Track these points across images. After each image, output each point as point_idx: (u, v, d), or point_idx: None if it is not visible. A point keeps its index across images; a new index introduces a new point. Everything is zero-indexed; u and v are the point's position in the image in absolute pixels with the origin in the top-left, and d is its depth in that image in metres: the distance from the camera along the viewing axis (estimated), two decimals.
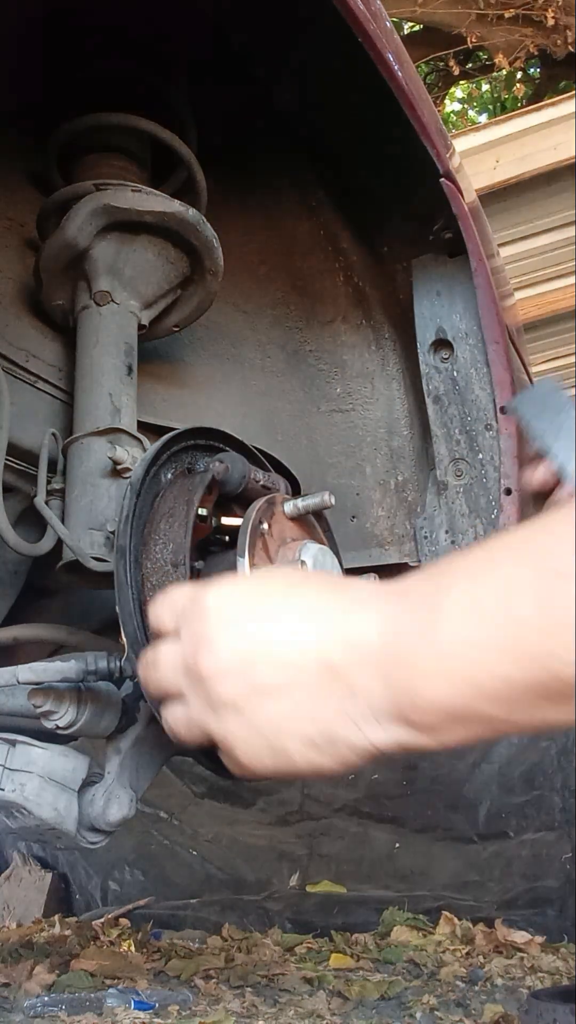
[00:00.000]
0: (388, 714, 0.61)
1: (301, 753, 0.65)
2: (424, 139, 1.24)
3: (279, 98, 1.35)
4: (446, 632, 0.59)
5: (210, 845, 3.22)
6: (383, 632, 0.62)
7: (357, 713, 0.62)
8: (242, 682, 0.65)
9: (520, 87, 7.76)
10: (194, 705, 0.69)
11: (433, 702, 0.59)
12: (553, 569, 0.54)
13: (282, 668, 0.65)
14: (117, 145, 1.34)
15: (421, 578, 0.63)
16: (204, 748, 0.76)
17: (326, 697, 0.63)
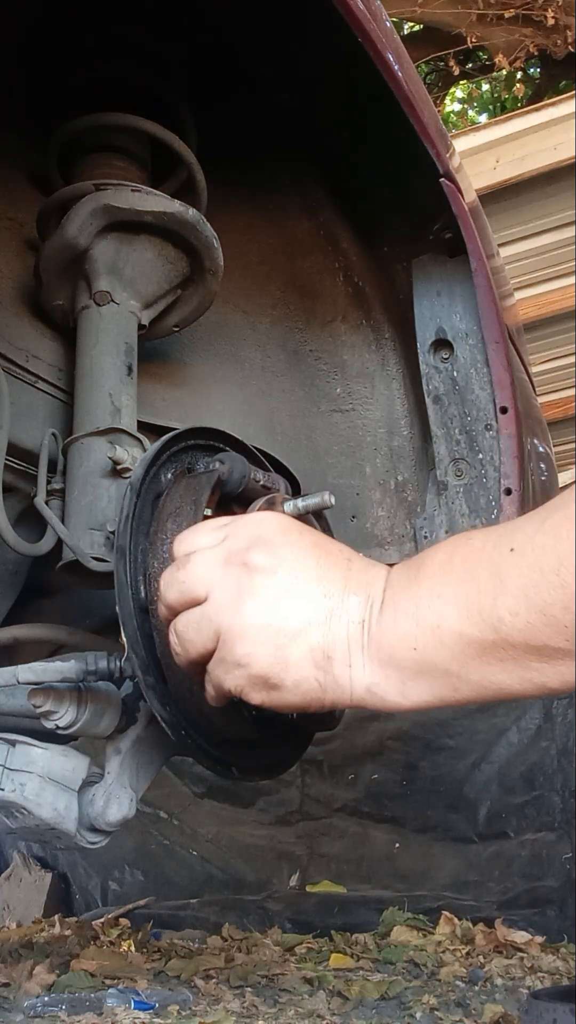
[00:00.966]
0: (372, 654, 0.69)
1: (299, 665, 0.70)
2: (424, 139, 1.24)
3: (279, 98, 1.35)
4: (423, 585, 0.67)
5: (210, 845, 3.22)
6: (387, 580, 0.71)
7: (355, 646, 0.70)
8: (284, 581, 0.72)
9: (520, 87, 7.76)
10: (216, 599, 0.74)
11: (403, 644, 0.67)
12: (509, 545, 0.62)
13: (318, 582, 0.72)
14: (117, 145, 1.34)
15: (428, 548, 0.72)
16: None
17: (340, 621, 0.70)
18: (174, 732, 0.92)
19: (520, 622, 0.61)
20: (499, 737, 2.86)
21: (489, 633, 0.62)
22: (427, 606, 0.66)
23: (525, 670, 0.62)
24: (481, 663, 0.63)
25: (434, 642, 0.65)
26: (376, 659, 0.68)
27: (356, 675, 0.69)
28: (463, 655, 0.64)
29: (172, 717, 0.91)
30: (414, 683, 0.67)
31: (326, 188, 1.47)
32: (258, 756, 1.05)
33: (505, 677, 0.63)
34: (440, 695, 0.67)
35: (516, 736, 2.85)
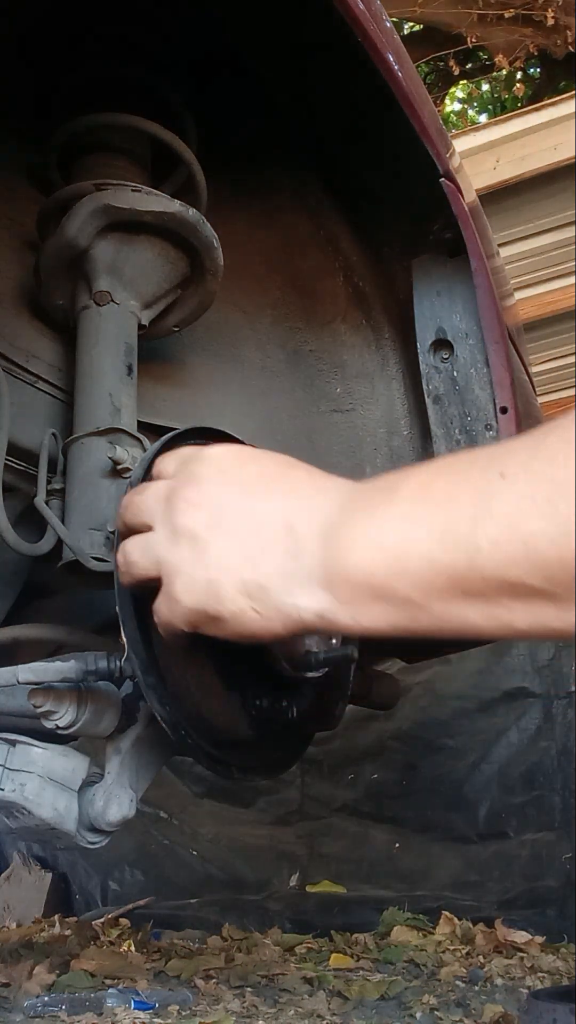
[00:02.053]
0: (318, 578, 0.64)
1: (232, 597, 0.68)
2: (424, 139, 1.24)
3: (279, 98, 1.35)
4: (392, 510, 0.62)
5: (210, 845, 3.22)
6: (344, 505, 0.66)
7: (293, 572, 0.66)
8: (209, 517, 0.70)
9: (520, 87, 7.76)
10: (158, 532, 0.74)
11: (359, 567, 0.62)
12: (499, 469, 0.57)
13: (249, 517, 0.69)
14: (117, 145, 1.34)
15: (399, 471, 0.66)
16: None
17: (275, 551, 0.67)
18: (174, 732, 0.92)
19: (499, 553, 0.55)
20: (499, 737, 2.87)
21: (462, 562, 0.57)
22: (395, 529, 0.61)
23: (494, 607, 0.57)
24: (448, 595, 0.58)
25: (397, 568, 0.60)
26: (326, 583, 0.64)
27: (301, 602, 0.65)
28: (428, 585, 0.59)
29: (172, 717, 0.91)
30: (368, 608, 0.62)
31: (326, 188, 1.47)
32: (258, 756, 1.05)
33: (471, 612, 0.58)
34: (396, 623, 0.62)
35: (516, 736, 2.85)
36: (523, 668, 2.91)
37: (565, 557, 0.53)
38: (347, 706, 1.14)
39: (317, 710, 1.08)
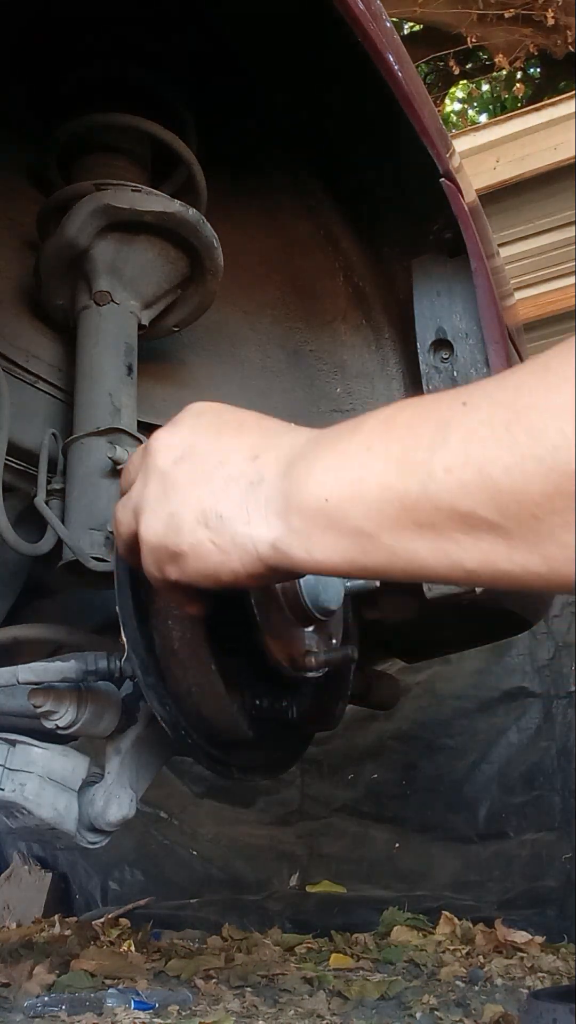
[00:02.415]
0: (276, 507, 0.64)
1: (191, 528, 0.68)
2: (424, 139, 1.24)
3: (279, 98, 1.35)
4: (353, 439, 0.62)
5: (210, 845, 3.22)
6: (310, 439, 0.66)
7: (253, 503, 0.65)
8: (180, 454, 0.71)
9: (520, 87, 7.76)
10: (137, 482, 0.74)
11: (314, 493, 0.61)
12: (463, 399, 0.56)
13: (217, 450, 0.70)
14: (117, 145, 1.34)
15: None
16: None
17: (237, 482, 0.67)
18: (174, 732, 0.92)
19: (453, 480, 0.54)
20: (499, 737, 2.87)
21: (415, 488, 0.56)
22: (353, 457, 0.60)
23: (444, 541, 0.55)
24: (399, 525, 0.57)
25: (351, 494, 0.59)
26: (282, 512, 0.63)
27: (257, 532, 0.65)
28: (381, 513, 0.58)
29: (172, 717, 0.91)
30: (321, 538, 0.61)
31: (326, 188, 1.47)
32: (258, 756, 1.05)
33: (421, 546, 0.57)
34: (348, 557, 0.61)
35: (516, 736, 2.85)
36: (523, 668, 2.91)
37: (519, 487, 0.51)
38: (347, 706, 1.14)
39: (317, 710, 1.08)
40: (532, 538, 0.52)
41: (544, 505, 0.51)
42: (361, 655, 1.00)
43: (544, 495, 0.51)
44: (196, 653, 0.89)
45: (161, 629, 0.90)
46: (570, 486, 0.50)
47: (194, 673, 0.89)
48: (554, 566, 0.52)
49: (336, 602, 0.98)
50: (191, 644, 0.88)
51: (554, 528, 0.51)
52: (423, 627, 1.58)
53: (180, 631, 0.89)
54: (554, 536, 0.51)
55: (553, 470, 0.50)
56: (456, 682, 2.98)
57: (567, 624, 2.89)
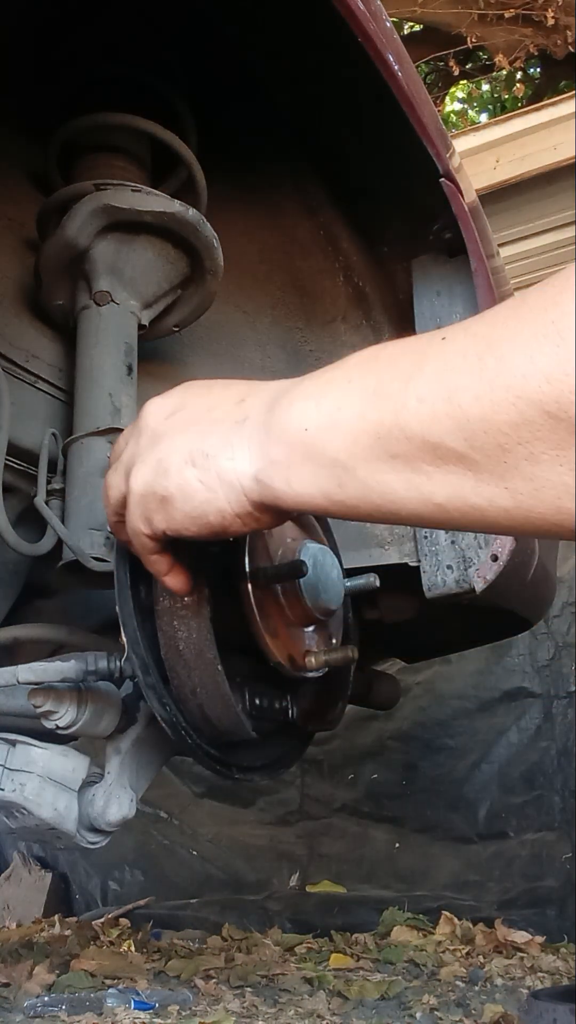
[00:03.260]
0: (258, 440, 0.65)
1: (178, 469, 0.69)
2: (424, 139, 1.24)
3: (279, 97, 1.35)
4: (335, 373, 0.63)
5: (210, 845, 3.22)
6: (295, 379, 0.67)
7: (237, 439, 0.67)
8: (171, 410, 0.73)
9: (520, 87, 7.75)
10: (128, 446, 0.76)
11: (294, 423, 0.63)
12: (443, 335, 0.57)
13: (205, 402, 0.72)
14: (117, 145, 1.34)
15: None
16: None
17: (223, 422, 0.68)
18: (174, 732, 0.92)
19: (425, 409, 0.55)
20: (499, 737, 2.87)
21: (389, 417, 0.57)
22: (334, 388, 0.62)
23: (415, 472, 0.56)
24: (373, 455, 0.58)
25: (329, 423, 0.61)
26: (263, 443, 0.65)
27: (240, 467, 0.66)
28: (356, 443, 0.59)
29: (172, 717, 0.91)
30: (299, 469, 0.63)
31: (326, 188, 1.47)
32: (258, 756, 1.05)
33: (393, 477, 0.58)
34: (325, 489, 0.61)
35: (516, 736, 2.85)
36: (523, 668, 2.91)
37: (487, 415, 0.52)
38: (347, 706, 1.14)
39: (317, 710, 1.08)
40: (499, 470, 0.53)
41: (511, 435, 0.51)
42: (361, 655, 1.00)
43: (511, 424, 0.51)
44: (202, 653, 0.88)
45: (166, 629, 0.89)
46: (536, 415, 0.50)
47: (199, 673, 0.89)
48: (519, 500, 0.53)
49: (336, 602, 0.98)
50: (196, 644, 0.88)
51: (520, 460, 0.52)
52: (423, 627, 1.58)
53: (185, 631, 0.89)
54: (520, 469, 0.52)
55: (520, 398, 0.50)
56: (456, 682, 2.98)
57: (567, 624, 2.89)
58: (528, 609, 1.65)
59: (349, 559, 1.44)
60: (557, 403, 0.49)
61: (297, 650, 0.95)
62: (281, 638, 0.93)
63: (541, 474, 0.51)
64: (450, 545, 1.38)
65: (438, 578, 1.37)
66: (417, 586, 1.39)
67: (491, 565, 1.31)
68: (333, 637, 1.03)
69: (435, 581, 1.37)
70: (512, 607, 1.54)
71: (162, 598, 0.89)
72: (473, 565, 1.33)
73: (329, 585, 0.96)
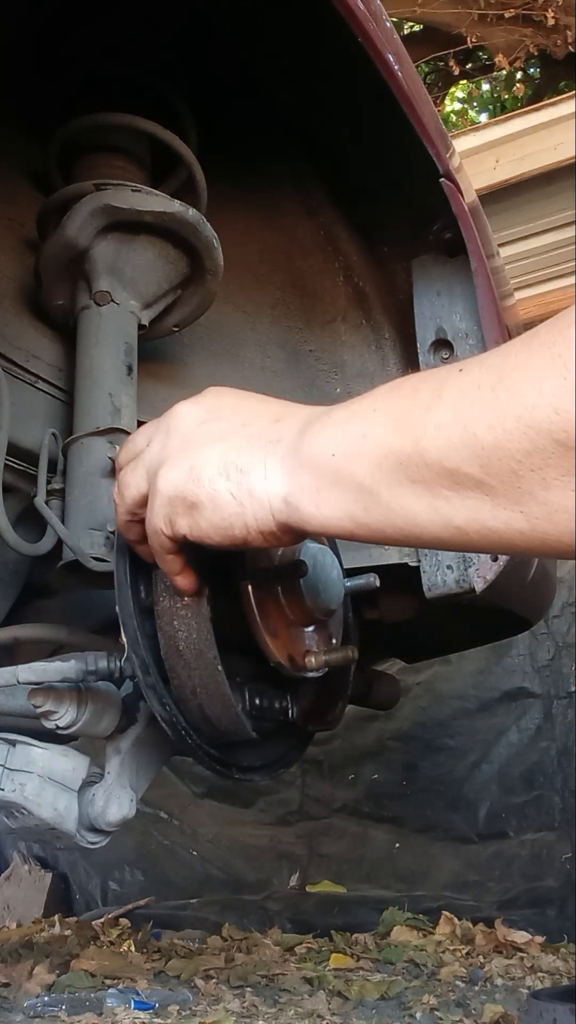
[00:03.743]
0: (291, 463, 0.69)
1: (211, 478, 0.71)
2: (424, 139, 1.24)
3: (279, 98, 1.35)
4: (362, 403, 0.67)
5: (210, 845, 3.23)
6: (326, 407, 0.70)
7: (271, 459, 0.69)
8: (202, 418, 0.75)
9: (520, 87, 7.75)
10: (152, 445, 0.77)
11: (323, 448, 0.66)
12: (460, 367, 0.60)
13: (240, 415, 0.74)
14: (117, 145, 1.34)
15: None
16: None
17: (259, 439, 0.71)
18: (174, 732, 0.92)
19: (441, 437, 0.58)
20: (499, 737, 2.87)
21: (409, 445, 0.60)
22: (360, 417, 0.65)
23: (434, 497, 0.59)
24: (395, 480, 0.61)
25: (355, 450, 0.64)
26: (295, 466, 0.68)
27: (272, 486, 0.68)
28: (379, 468, 0.62)
29: (172, 717, 0.91)
30: (327, 494, 0.65)
31: (326, 188, 1.47)
32: (258, 756, 1.05)
33: (415, 502, 0.60)
34: (351, 512, 0.64)
35: (516, 736, 2.85)
36: (523, 668, 2.91)
37: (500, 443, 0.55)
38: (347, 706, 1.14)
39: (317, 710, 1.08)
40: (514, 495, 0.55)
41: (524, 462, 0.54)
42: (361, 655, 1.00)
43: (523, 452, 0.54)
44: (202, 653, 0.88)
45: (166, 629, 0.89)
46: (546, 444, 0.53)
47: (199, 673, 0.89)
48: (535, 523, 0.55)
49: (336, 602, 0.98)
50: (196, 644, 0.88)
51: (533, 486, 0.54)
52: (423, 627, 1.58)
53: (185, 631, 0.88)
54: (534, 494, 0.55)
55: (531, 427, 0.53)
56: (456, 682, 2.98)
57: (567, 624, 2.89)
58: (528, 609, 1.65)
59: (349, 559, 1.44)
60: (566, 432, 0.52)
61: (297, 650, 0.95)
62: (281, 638, 0.93)
63: (554, 499, 0.54)
64: None
65: (438, 578, 1.37)
66: (417, 586, 1.39)
67: (491, 565, 1.31)
68: (333, 637, 1.03)
69: (435, 581, 1.37)
70: (512, 607, 1.54)
71: (162, 598, 0.89)
72: (473, 565, 1.33)
73: (329, 585, 0.96)
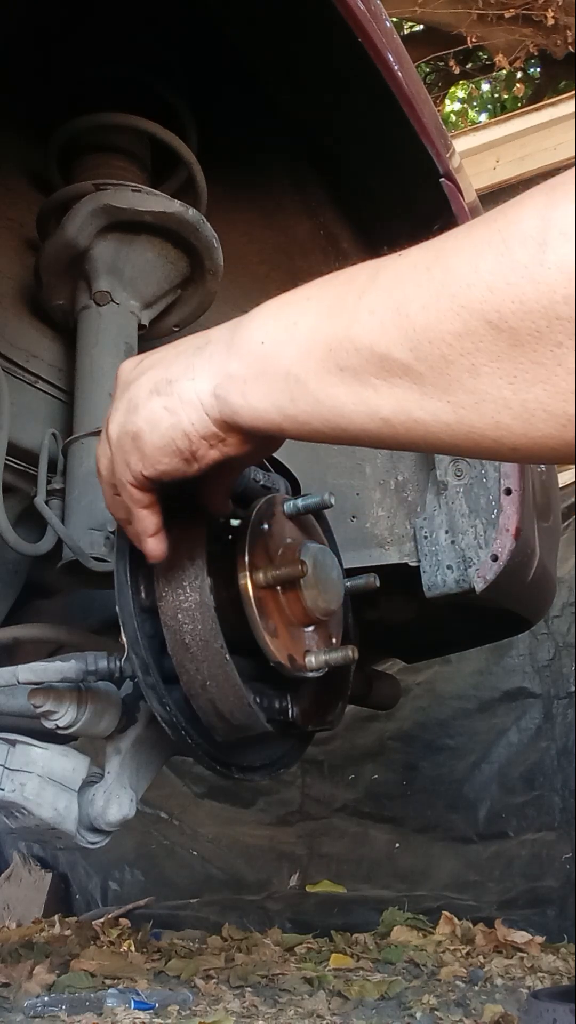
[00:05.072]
0: (219, 359, 0.66)
1: (144, 401, 0.71)
2: (424, 139, 1.24)
3: (279, 98, 1.35)
4: (297, 292, 0.64)
5: (210, 845, 3.23)
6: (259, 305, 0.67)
7: (199, 361, 0.68)
8: (138, 360, 0.75)
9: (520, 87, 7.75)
10: (108, 411, 0.76)
11: (252, 337, 0.64)
12: (402, 252, 0.57)
13: (173, 347, 0.73)
14: (117, 145, 1.34)
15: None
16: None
17: (186, 351, 0.70)
18: (174, 732, 0.92)
19: (374, 320, 0.56)
20: (499, 737, 2.87)
21: (340, 330, 0.58)
22: (293, 305, 0.63)
23: (363, 386, 0.57)
24: (323, 368, 0.59)
25: (285, 337, 0.62)
26: (224, 360, 0.66)
27: (200, 385, 0.67)
28: (309, 355, 0.60)
29: (171, 717, 0.91)
30: (255, 383, 0.64)
31: (326, 188, 1.47)
32: (258, 756, 1.05)
33: (343, 391, 0.58)
34: (279, 403, 0.62)
35: (516, 736, 2.85)
36: (523, 668, 2.91)
37: (432, 325, 0.52)
38: (347, 706, 1.14)
39: (317, 710, 1.08)
40: (442, 382, 0.53)
41: (454, 345, 0.52)
42: (361, 655, 1.00)
43: (454, 334, 0.52)
44: (208, 644, 0.87)
45: (171, 624, 0.89)
46: (478, 325, 0.50)
47: (208, 665, 0.88)
48: (461, 415, 0.53)
49: (336, 602, 0.98)
50: (202, 635, 0.87)
51: (462, 373, 0.52)
52: (423, 627, 1.58)
53: (191, 623, 0.88)
54: (462, 382, 0.52)
55: (464, 308, 0.51)
56: (456, 682, 2.98)
57: (567, 624, 2.89)
58: (528, 609, 1.65)
59: (349, 559, 1.45)
60: (498, 312, 0.49)
61: (297, 650, 0.95)
62: (281, 638, 0.93)
63: (481, 387, 0.52)
64: (450, 545, 1.38)
65: (438, 578, 1.37)
66: (417, 586, 1.39)
67: (491, 565, 1.31)
68: (333, 637, 1.03)
69: (435, 581, 1.37)
70: (512, 607, 1.54)
71: (164, 593, 0.89)
72: (473, 565, 1.33)
73: (329, 585, 0.96)
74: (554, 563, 1.73)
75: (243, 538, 0.92)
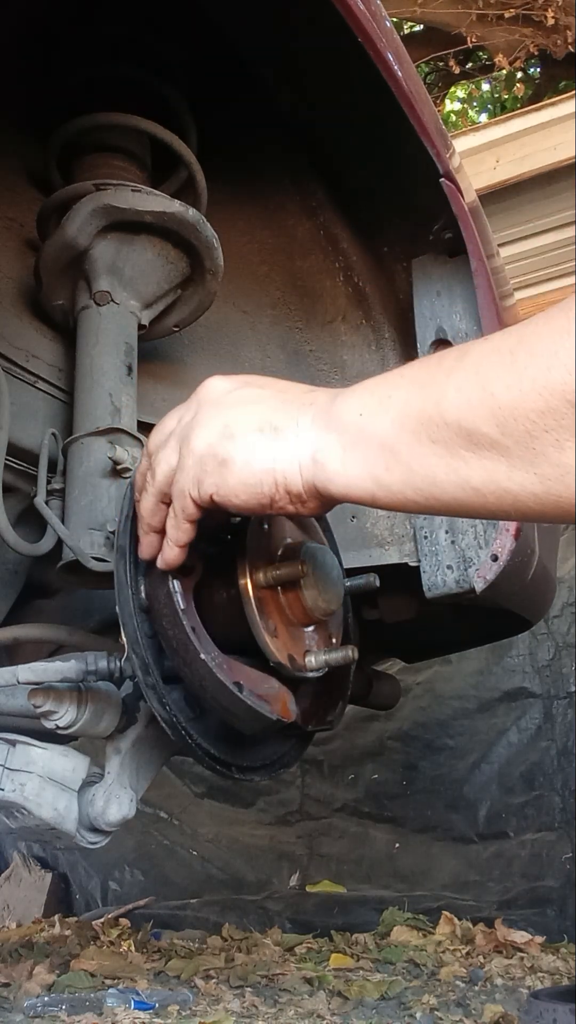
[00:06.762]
0: (321, 423, 0.71)
1: (244, 433, 0.73)
2: (424, 139, 1.24)
3: (279, 98, 1.35)
4: (392, 371, 0.70)
5: (210, 845, 3.23)
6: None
7: (304, 420, 0.72)
8: (233, 388, 0.77)
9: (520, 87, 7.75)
10: (186, 415, 0.78)
11: (350, 408, 0.69)
12: (487, 337, 0.64)
13: (274, 385, 0.78)
14: (117, 145, 1.34)
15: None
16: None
17: (293, 403, 0.74)
18: (174, 732, 0.92)
19: (461, 398, 0.61)
20: (499, 737, 2.87)
21: (431, 405, 0.63)
22: (388, 382, 0.69)
23: (453, 457, 0.62)
24: (415, 440, 0.64)
25: (379, 409, 0.67)
26: (325, 425, 0.70)
27: (302, 444, 0.71)
28: (402, 427, 0.65)
29: (171, 717, 0.91)
30: (352, 452, 0.68)
31: (326, 188, 1.47)
32: (258, 756, 1.05)
33: (435, 462, 0.63)
34: (373, 471, 0.67)
35: (516, 736, 2.85)
36: (523, 668, 2.91)
37: (516, 403, 0.57)
38: (347, 706, 1.14)
39: (317, 710, 1.08)
40: (528, 456, 0.58)
41: (538, 423, 0.57)
42: (361, 655, 1.00)
43: (537, 412, 0.57)
44: (186, 647, 0.88)
45: (160, 631, 0.89)
46: (559, 404, 0.55)
47: (194, 667, 0.88)
48: (548, 486, 0.58)
49: (336, 602, 0.98)
50: (180, 639, 0.88)
51: (547, 447, 0.57)
52: (423, 627, 1.58)
53: (172, 628, 0.88)
54: (547, 455, 0.57)
55: (545, 388, 0.56)
56: (456, 682, 2.98)
57: (567, 624, 2.89)
58: (528, 609, 1.65)
59: (349, 559, 1.45)
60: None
61: (297, 650, 0.95)
62: (281, 638, 0.93)
63: (566, 461, 0.56)
64: (450, 545, 1.38)
65: (438, 578, 1.37)
66: (417, 586, 1.39)
67: (491, 565, 1.31)
68: (333, 637, 1.03)
69: (435, 581, 1.37)
70: (512, 607, 1.54)
71: (151, 600, 0.89)
72: (473, 565, 1.33)
73: (329, 585, 0.96)
74: (554, 563, 1.73)
75: (243, 538, 0.92)
